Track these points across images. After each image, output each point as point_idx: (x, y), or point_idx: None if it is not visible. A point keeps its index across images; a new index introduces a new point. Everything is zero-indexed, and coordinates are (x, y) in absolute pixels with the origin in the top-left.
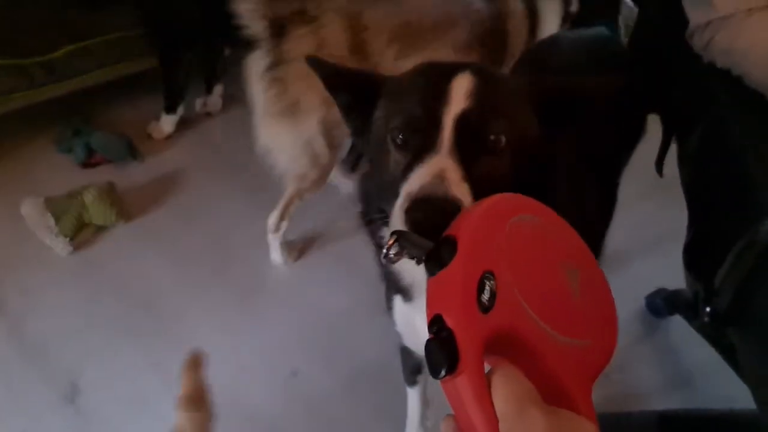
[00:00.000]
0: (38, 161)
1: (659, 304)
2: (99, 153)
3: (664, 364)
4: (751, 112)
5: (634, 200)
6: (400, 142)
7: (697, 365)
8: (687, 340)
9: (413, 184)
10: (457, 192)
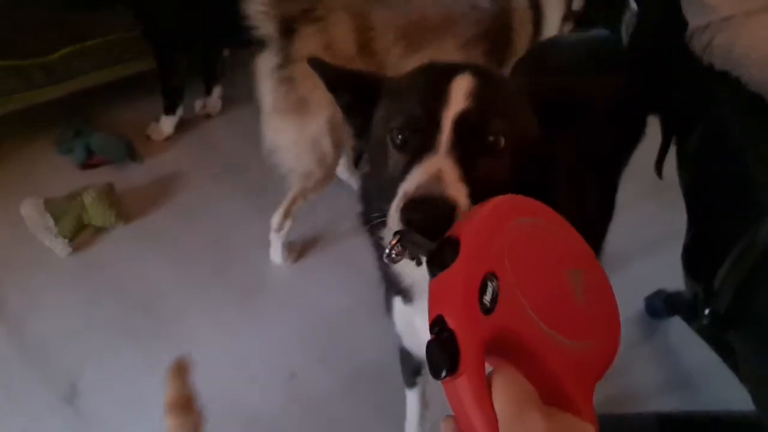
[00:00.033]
0: (38, 162)
1: (658, 306)
2: (98, 154)
3: (664, 366)
4: (751, 112)
5: (633, 201)
6: (399, 142)
7: (696, 367)
8: (686, 342)
9: (410, 184)
10: (453, 192)
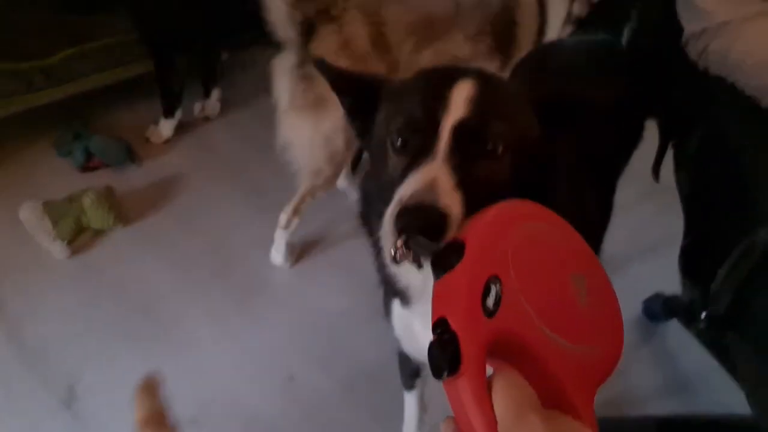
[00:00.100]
0: (38, 165)
1: (656, 309)
2: (98, 157)
3: (661, 369)
4: (750, 115)
5: (631, 205)
6: (398, 145)
7: (694, 370)
8: (684, 345)
9: (405, 191)
10: (447, 201)
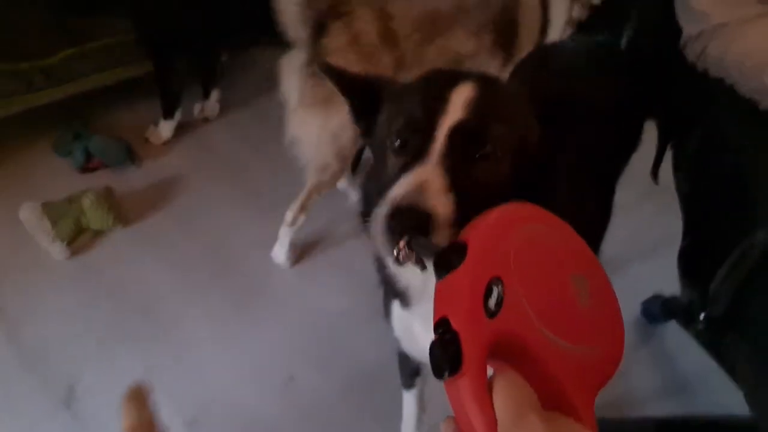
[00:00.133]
0: (38, 165)
1: (655, 310)
2: (97, 157)
3: (660, 370)
4: (749, 116)
5: (630, 207)
6: (396, 146)
7: (692, 371)
8: (683, 346)
9: (396, 192)
10: (436, 203)
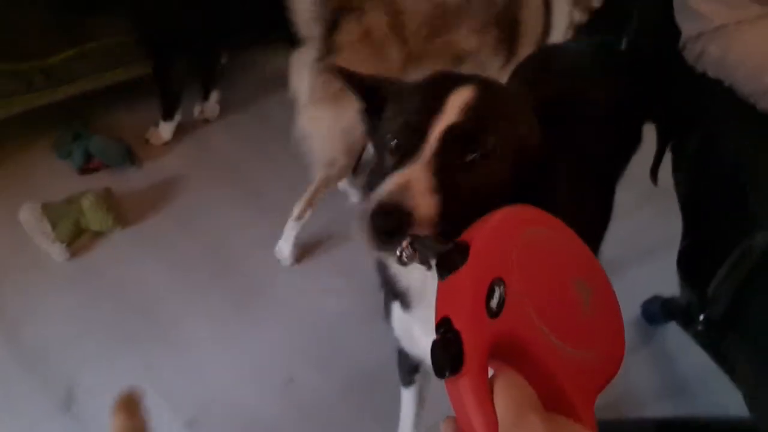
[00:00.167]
0: (38, 166)
1: (655, 311)
2: (97, 158)
3: (660, 371)
4: (748, 118)
5: (629, 208)
6: (393, 145)
7: (692, 372)
8: (683, 347)
9: (381, 190)
10: (419, 203)
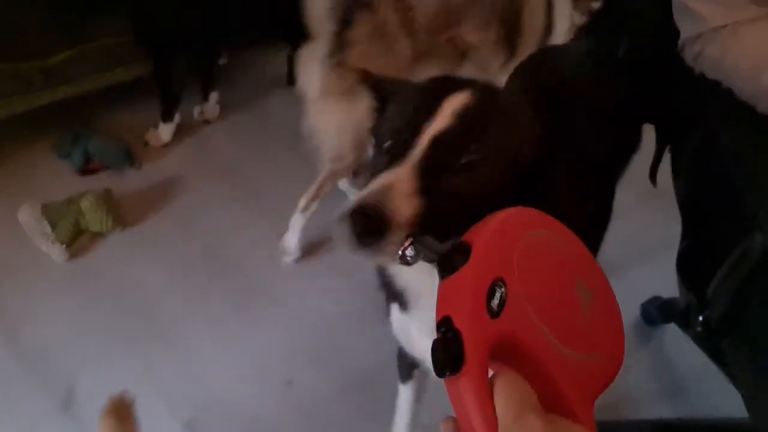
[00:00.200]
0: (37, 166)
1: (654, 312)
2: (96, 159)
3: (659, 372)
4: (746, 119)
5: (629, 209)
6: (386, 147)
7: (691, 373)
8: (682, 349)
9: (364, 191)
10: (399, 206)
